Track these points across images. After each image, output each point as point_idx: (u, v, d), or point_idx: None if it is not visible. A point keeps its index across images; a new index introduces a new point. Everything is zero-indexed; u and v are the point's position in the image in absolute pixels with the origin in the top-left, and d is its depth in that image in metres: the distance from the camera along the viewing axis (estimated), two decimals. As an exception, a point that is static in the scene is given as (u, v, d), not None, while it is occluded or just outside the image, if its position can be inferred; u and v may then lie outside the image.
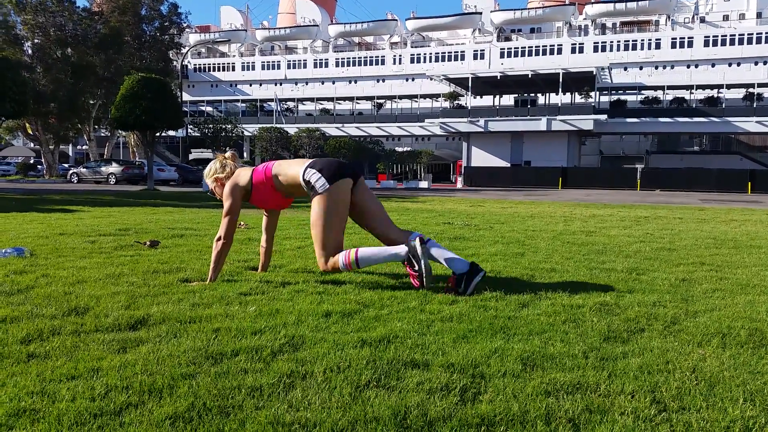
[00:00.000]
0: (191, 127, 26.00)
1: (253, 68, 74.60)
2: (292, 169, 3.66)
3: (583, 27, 64.28)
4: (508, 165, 55.20)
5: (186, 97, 60.13)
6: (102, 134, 49.70)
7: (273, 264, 4.25)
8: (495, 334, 2.52)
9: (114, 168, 32.86)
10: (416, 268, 3.38)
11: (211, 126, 25.22)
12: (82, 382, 1.91)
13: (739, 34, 58.14)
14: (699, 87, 54.96)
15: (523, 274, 4.05)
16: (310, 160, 3.68)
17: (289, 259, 4.60)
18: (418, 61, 67.10)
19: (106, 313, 2.74)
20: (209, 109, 68.87)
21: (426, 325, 2.64)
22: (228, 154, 4.00)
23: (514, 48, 63.74)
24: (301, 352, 2.22)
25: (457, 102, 58.74)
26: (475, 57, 64.69)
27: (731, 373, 2.09)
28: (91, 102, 39.26)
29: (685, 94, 56.66)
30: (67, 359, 2.12)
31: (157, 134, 20.38)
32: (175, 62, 46.61)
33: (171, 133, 28.43)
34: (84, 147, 53.94)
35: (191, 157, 51.64)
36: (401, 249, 3.43)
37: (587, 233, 7.33)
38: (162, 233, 6.22)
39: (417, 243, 3.38)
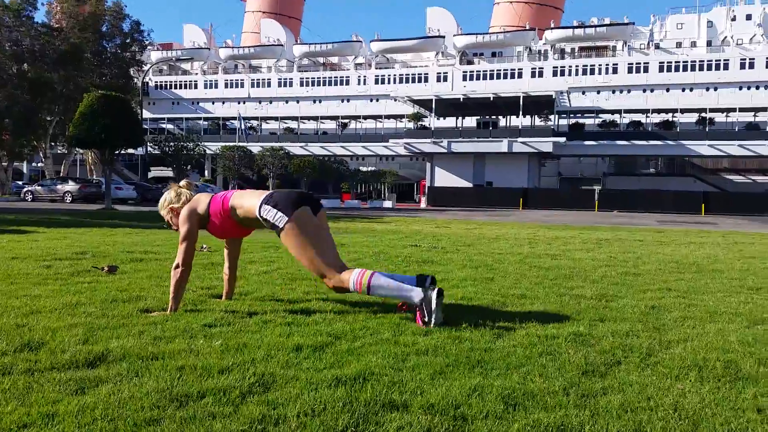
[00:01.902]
0: (151, 144, 25.52)
1: (216, 86, 74.02)
2: (249, 202, 3.50)
3: (542, 51, 65.76)
4: (471, 185, 55.75)
5: (146, 114, 59.15)
6: (59, 151, 48.50)
7: (238, 291, 4.12)
8: (472, 368, 2.45)
9: (70, 186, 32.03)
10: (427, 319, 3.18)
11: (172, 144, 24.78)
12: (36, 430, 1.77)
13: (692, 61, 60.23)
14: (654, 111, 56.65)
15: (494, 301, 4.01)
16: (267, 194, 3.51)
17: (254, 285, 4.47)
18: (383, 82, 67.56)
19: (62, 348, 2.58)
20: (170, 126, 67.92)
21: (401, 359, 2.55)
22: (183, 183, 3.84)
23: (476, 71, 64.80)
24: (272, 392, 2.10)
25: (420, 123, 59.26)
26: (438, 79, 65.49)
27: (713, 410, 2.06)
28: (48, 119, 38.31)
29: (641, 117, 58.30)
30: (19, 403, 1.97)
31: (116, 152, 19.93)
32: (136, 79, 45.93)
33: (131, 150, 27.86)
34: (39, 164, 52.53)
35: (150, 175, 50.75)
36: (416, 294, 3.24)
37: (552, 256, 7.37)
38: (120, 257, 6.01)
39: (434, 295, 3.17)
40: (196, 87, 74.81)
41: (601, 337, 3.04)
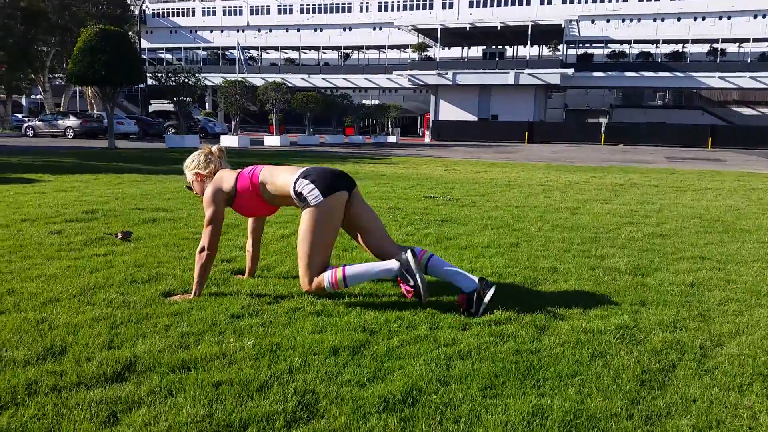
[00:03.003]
0: (151, 77, 24.92)
1: (214, 14, 72.08)
2: (282, 178, 3.33)
3: (552, -22, 63.41)
4: (476, 119, 55.06)
5: (144, 44, 57.74)
6: (58, 84, 47.63)
7: (259, 264, 3.96)
8: (524, 378, 2.32)
9: (72, 121, 31.56)
10: (411, 283, 3.13)
11: (172, 77, 24.18)
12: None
13: (705, -13, 58.08)
14: (665, 41, 55.11)
15: (526, 277, 3.86)
16: (303, 169, 3.34)
17: (274, 257, 4.32)
18: (386, 10, 65.63)
19: (87, 355, 2.45)
20: (168, 56, 66.53)
21: (445, 366, 2.42)
22: (215, 148, 3.65)
23: (483, -2, 62.65)
24: (317, 420, 1.97)
25: (425, 54, 57.80)
26: (443, 6, 63.52)
27: (789, 439, 1.93)
28: (45, 49, 37.36)
29: (651, 48, 56.82)
30: (50, 436, 1.84)
31: (118, 89, 19.46)
32: (132, 7, 44.53)
33: (131, 85, 27.24)
34: (38, 97, 51.68)
35: (151, 108, 50.02)
36: (393, 264, 3.18)
37: (571, 211, 7.20)
38: (132, 217, 5.84)
39: (409, 256, 3.13)
40: (193, 15, 72.87)
41: (649, 331, 2.90)
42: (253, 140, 32.37)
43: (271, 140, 30.82)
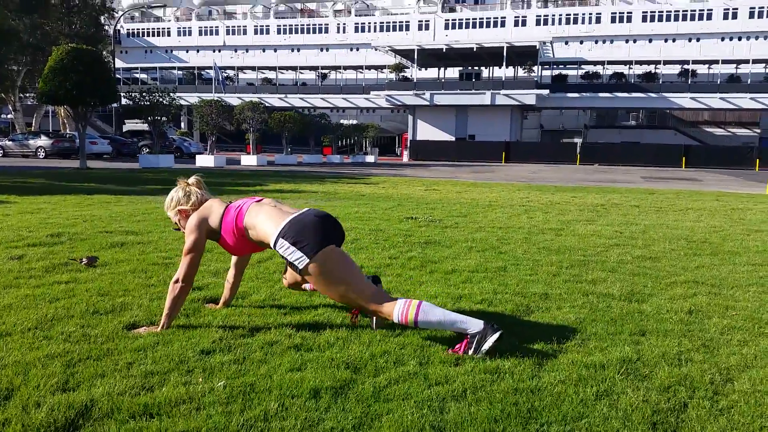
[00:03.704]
0: (126, 97, 24.55)
1: (190, 33, 71.75)
2: (263, 228, 3.00)
3: (526, 0, 64.38)
4: (453, 139, 55.31)
5: (119, 64, 57.26)
6: (29, 103, 46.81)
7: (234, 292, 3.70)
8: (526, 424, 2.09)
9: (43, 141, 30.92)
10: (471, 351, 2.74)
11: (146, 96, 23.83)
12: None
13: (675, 11, 59.34)
14: (637, 62, 56.08)
15: (517, 305, 3.65)
16: (285, 223, 2.95)
17: (250, 282, 4.06)
18: (363, 31, 65.96)
19: (37, 399, 2.17)
20: (144, 76, 66.03)
21: (439, 410, 2.19)
22: (192, 179, 3.34)
23: (459, 19, 63.32)
24: (298, 479, 1.72)
25: (402, 74, 58.08)
26: (420, 28, 64.03)
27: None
28: (15, 69, 36.68)
29: (624, 69, 57.75)
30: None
31: (90, 108, 19.05)
32: (107, 27, 44.08)
33: (104, 104, 26.81)
34: (9, 116, 50.71)
35: (125, 128, 49.38)
36: (474, 325, 2.79)
37: (556, 232, 7.05)
38: (99, 241, 5.54)
39: (494, 338, 2.72)
40: (169, 34, 72.49)
41: (654, 365, 2.70)
42: (229, 160, 32.00)
43: (248, 160, 30.48)
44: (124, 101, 27.89)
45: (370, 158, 42.75)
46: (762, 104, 51.22)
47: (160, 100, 23.58)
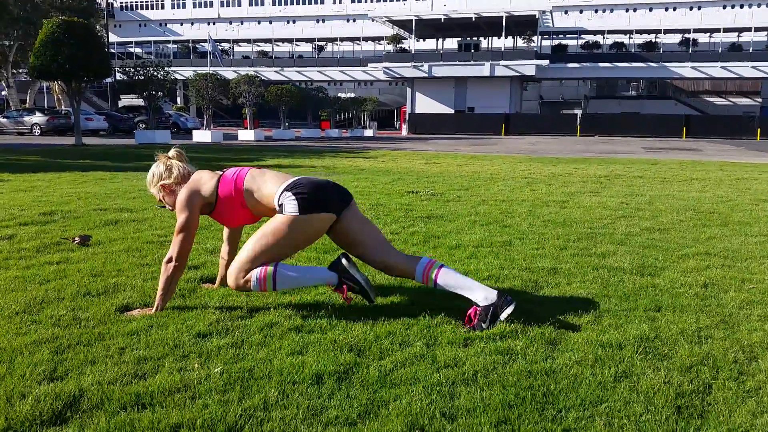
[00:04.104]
0: (120, 72, 24.20)
1: (184, 6, 70.76)
2: (268, 188, 2.91)
3: (525, -33, 63.30)
4: (452, 111, 54.85)
5: (112, 38, 56.48)
6: (23, 79, 46.28)
7: (231, 271, 3.56)
8: (542, 409, 1.97)
9: (38, 117, 30.56)
10: (357, 288, 2.86)
11: (141, 71, 23.50)
12: None
13: (675, -22, 58.43)
14: (638, 32, 55.33)
15: (526, 281, 3.52)
16: (292, 179, 2.92)
17: (249, 261, 3.91)
18: (360, 1, 64.99)
19: (22, 391, 2.04)
20: (138, 50, 65.22)
21: (449, 395, 2.06)
22: (172, 152, 3.17)
23: (457, -12, 62.24)
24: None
25: (400, 46, 57.34)
26: (417, -2, 63.04)
27: None
28: (6, 44, 36.13)
29: (624, 38, 57.03)
30: None
31: (84, 83, 18.73)
32: (99, 0, 43.35)
33: (99, 79, 26.48)
34: (3, 93, 50.18)
35: (121, 103, 48.91)
36: (329, 275, 2.90)
37: (560, 204, 6.90)
38: (92, 219, 5.39)
39: (344, 261, 2.87)
40: (163, 7, 71.49)
41: (673, 343, 2.57)
42: (226, 135, 31.69)
43: (246, 135, 30.20)
44: (118, 76, 27.53)
45: (368, 132, 42.41)
46: (763, 73, 50.64)
47: (155, 74, 23.25)
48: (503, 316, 2.68)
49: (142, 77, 23.69)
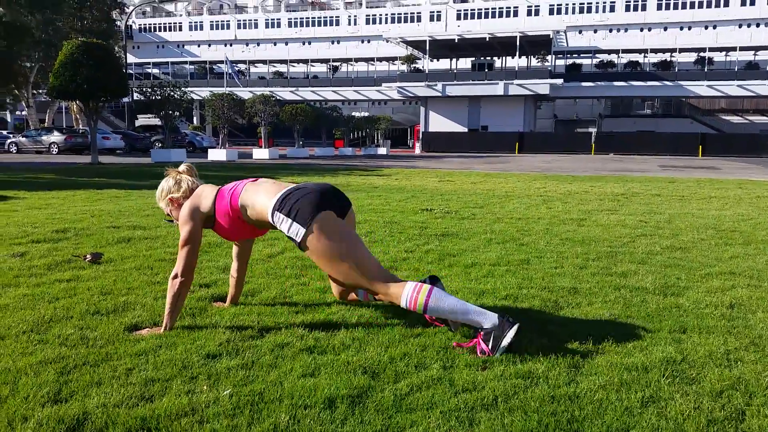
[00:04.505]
0: (137, 92, 24.48)
1: (202, 28, 71.77)
2: (261, 202, 2.83)
3: (539, -12, 63.72)
4: (466, 130, 54.88)
5: (131, 59, 57.37)
6: (42, 99, 47.01)
7: (243, 288, 3.50)
8: (566, 438, 1.86)
9: (56, 137, 30.96)
10: (490, 354, 2.52)
11: (158, 91, 23.75)
12: None
13: (690, -2, 58.41)
14: (652, 51, 55.23)
15: (544, 300, 3.42)
16: (282, 194, 2.80)
17: (260, 280, 3.85)
18: (374, 23, 65.57)
19: (24, 413, 1.97)
20: (156, 71, 66.16)
21: (468, 422, 1.96)
22: (183, 167, 3.14)
23: (471, 10, 62.75)
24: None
25: (414, 65, 57.63)
26: (431, 19, 63.56)
27: None
28: (28, 65, 36.78)
29: (639, 57, 56.95)
30: None
31: (101, 103, 18.94)
32: (118, 22, 44.10)
33: (116, 99, 26.83)
34: (23, 113, 50.99)
35: (138, 123, 49.47)
36: (489, 319, 2.58)
37: (578, 222, 6.78)
38: (105, 236, 5.36)
39: (512, 333, 2.50)
40: (181, 29, 72.55)
41: (701, 366, 2.46)
42: (241, 153, 31.89)
43: (260, 153, 30.35)
44: (136, 96, 27.85)
45: (382, 150, 42.48)
46: (781, 91, 50.25)
47: (172, 94, 23.48)
48: (511, 334, 2.52)
49: (159, 97, 23.94)
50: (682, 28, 58.91)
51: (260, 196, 2.85)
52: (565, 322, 3.03)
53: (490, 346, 2.54)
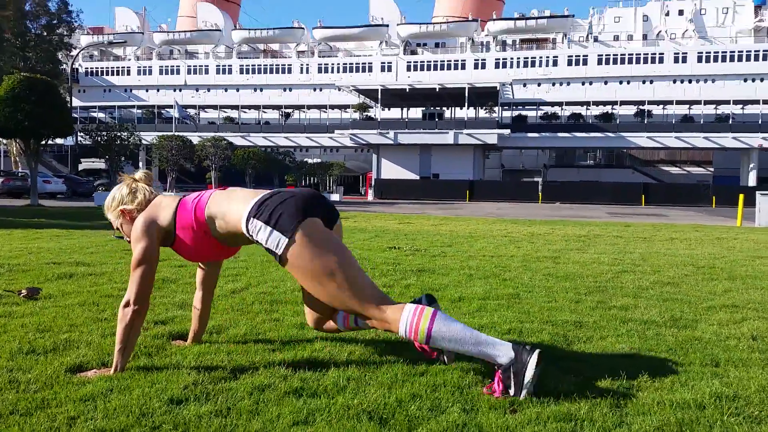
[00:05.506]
0: (81, 134, 23.58)
1: (151, 73, 70.93)
2: (233, 210, 2.37)
3: (485, 43, 65.80)
4: (417, 177, 55.28)
5: (76, 102, 55.82)
6: (-22, 142, 45.02)
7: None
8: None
9: (-8, 180, 29.43)
10: (512, 391, 2.10)
11: (104, 133, 22.95)
12: None
13: (629, 54, 61.33)
14: (594, 103, 57.30)
15: (553, 335, 3.05)
16: (258, 199, 2.36)
17: (225, 315, 3.37)
18: (326, 71, 66.20)
19: (-76, 480, 1.46)
20: (101, 115, 64.61)
21: (516, 477, 1.55)
22: (139, 174, 2.63)
23: (420, 62, 64.20)
24: None
25: (366, 114, 58.15)
26: (382, 69, 64.63)
27: None
28: (-36, 105, 35.25)
29: (581, 110, 58.94)
30: None
31: (43, 143, 18.04)
32: (64, 65, 43.03)
33: (59, 141, 25.77)
34: (-44, 155, 48.80)
35: (81, 167, 47.87)
36: (504, 352, 2.15)
37: (552, 260, 6.51)
38: (44, 272, 4.77)
39: (534, 360, 2.09)
40: (129, 73, 71.52)
41: (760, 402, 2.12)
42: (190, 198, 30.99)
43: (210, 198, 29.59)
44: (80, 139, 26.89)
45: (335, 197, 42.17)
46: (714, 143, 52.68)
47: (119, 135, 22.72)
48: (533, 361, 2.09)
49: (106, 139, 23.12)
50: (621, 82, 61.57)
51: (233, 204, 2.39)
52: (584, 357, 2.67)
53: (512, 389, 2.12)
